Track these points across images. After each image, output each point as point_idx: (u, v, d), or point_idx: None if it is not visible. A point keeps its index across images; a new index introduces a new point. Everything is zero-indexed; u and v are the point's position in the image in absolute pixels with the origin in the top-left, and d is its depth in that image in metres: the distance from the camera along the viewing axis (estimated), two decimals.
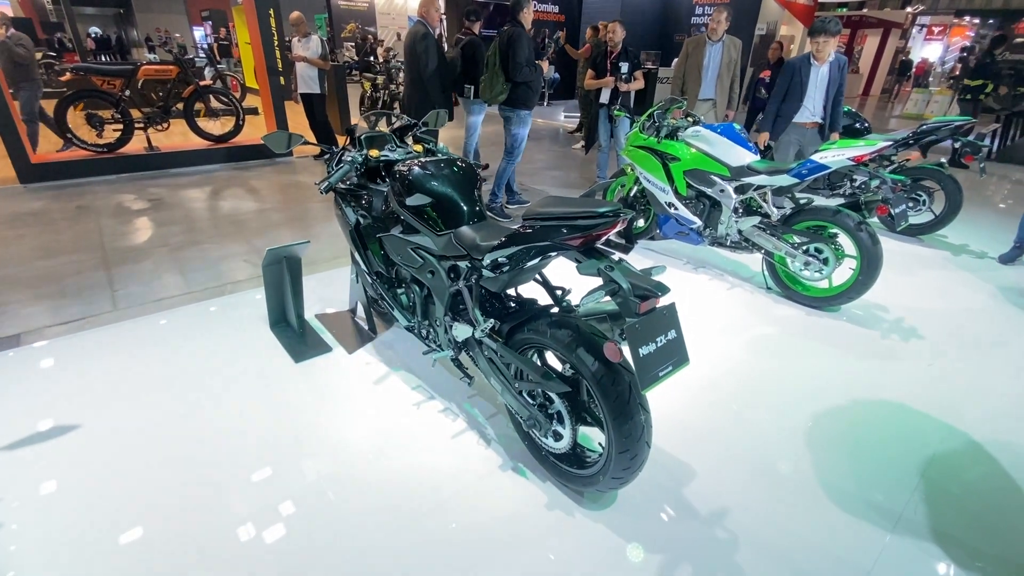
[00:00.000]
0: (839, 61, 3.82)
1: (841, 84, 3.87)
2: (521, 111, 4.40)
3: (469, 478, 1.82)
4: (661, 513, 1.71)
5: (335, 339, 2.56)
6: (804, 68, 3.86)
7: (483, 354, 1.78)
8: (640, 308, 1.28)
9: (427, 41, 4.19)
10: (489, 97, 4.34)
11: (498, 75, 4.23)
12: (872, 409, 2.28)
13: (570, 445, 1.63)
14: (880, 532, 1.68)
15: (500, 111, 4.49)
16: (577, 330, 1.50)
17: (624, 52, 4.86)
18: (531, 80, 4.28)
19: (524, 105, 4.38)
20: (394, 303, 2.15)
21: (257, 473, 1.81)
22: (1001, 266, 3.96)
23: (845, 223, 2.85)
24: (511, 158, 4.64)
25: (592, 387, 1.45)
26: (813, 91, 3.88)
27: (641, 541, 1.61)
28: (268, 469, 1.83)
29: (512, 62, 4.13)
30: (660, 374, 1.32)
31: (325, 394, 2.20)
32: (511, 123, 4.46)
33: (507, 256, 1.52)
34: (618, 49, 4.87)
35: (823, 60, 3.76)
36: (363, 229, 2.15)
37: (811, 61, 3.82)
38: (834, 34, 3.64)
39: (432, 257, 1.86)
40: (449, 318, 1.89)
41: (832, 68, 3.81)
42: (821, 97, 3.88)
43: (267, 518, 1.65)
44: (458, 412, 2.12)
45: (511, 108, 4.39)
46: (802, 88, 3.88)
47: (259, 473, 1.81)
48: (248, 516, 1.65)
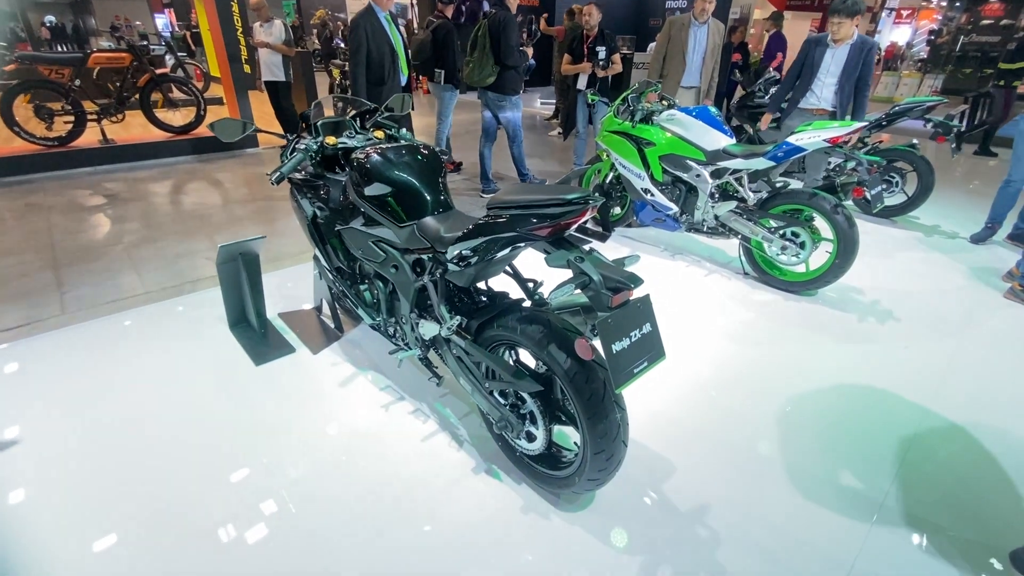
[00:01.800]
0: (864, 44, 3.42)
1: (865, 71, 3.47)
2: (512, 96, 4.49)
3: (441, 483, 1.73)
4: (640, 512, 1.65)
5: (299, 339, 2.44)
6: (818, 48, 3.51)
7: (451, 352, 1.69)
8: (612, 301, 1.20)
9: (355, 31, 3.98)
10: (477, 80, 4.37)
11: (488, 58, 4.26)
12: (851, 394, 2.25)
13: (544, 446, 1.55)
14: (861, 523, 1.65)
15: (489, 98, 4.51)
16: (548, 325, 1.42)
17: (601, 36, 4.74)
18: (519, 65, 4.37)
19: (514, 90, 4.47)
20: (357, 300, 2.04)
21: (212, 485, 1.69)
22: (973, 246, 4.00)
23: (821, 206, 2.81)
24: (515, 142, 4.74)
25: (565, 385, 1.37)
26: (824, 75, 3.55)
27: (620, 542, 1.54)
28: (224, 480, 1.71)
29: (505, 46, 4.18)
30: (635, 371, 1.24)
31: (287, 398, 2.09)
32: (504, 109, 4.52)
33: (472, 248, 1.42)
34: (594, 33, 4.74)
35: (840, 41, 3.44)
36: (321, 222, 2.02)
37: (828, 42, 3.49)
38: (852, 14, 3.28)
39: (395, 251, 1.75)
40: (415, 315, 1.78)
41: (852, 52, 3.43)
42: (833, 83, 3.53)
43: (224, 532, 1.54)
44: (429, 413, 2.02)
45: (502, 95, 4.45)
46: (812, 70, 3.56)
47: (214, 485, 1.69)
48: (201, 532, 1.54)
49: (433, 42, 4.75)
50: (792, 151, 2.79)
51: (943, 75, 13.10)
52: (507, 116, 4.55)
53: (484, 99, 4.55)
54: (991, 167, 6.68)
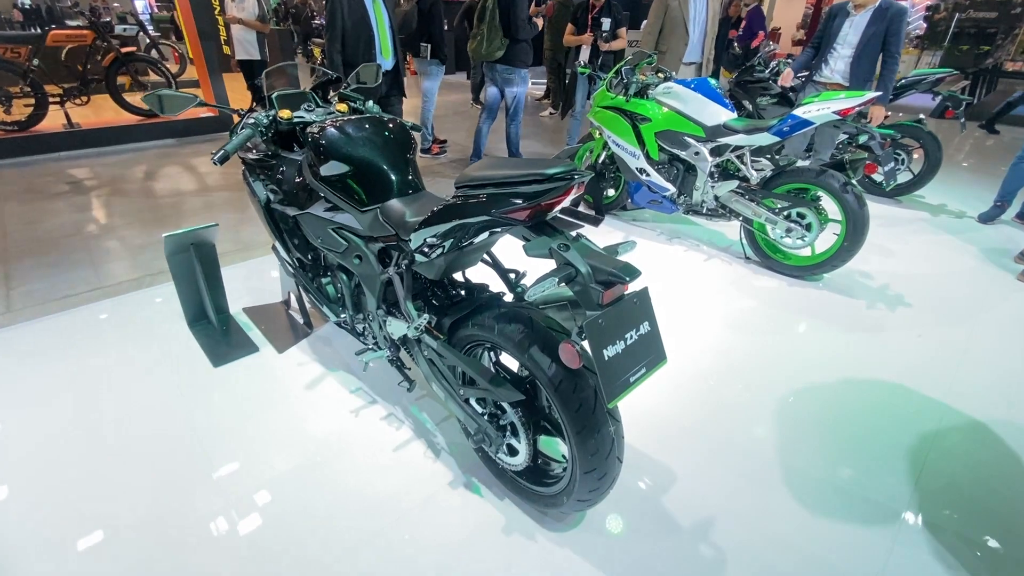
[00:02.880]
0: (889, 8, 3.03)
1: (890, 40, 3.05)
2: (522, 70, 4.40)
3: (414, 498, 1.54)
4: (636, 530, 1.47)
5: (264, 336, 2.23)
6: (839, 16, 3.18)
7: (422, 355, 1.49)
8: (603, 298, 1.00)
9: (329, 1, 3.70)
10: (485, 54, 4.29)
11: (496, 31, 4.20)
12: (863, 388, 2.08)
13: (528, 459, 1.36)
14: (883, 537, 1.48)
15: (497, 71, 4.42)
16: (530, 325, 1.22)
17: (607, 6, 4.51)
18: (530, 37, 4.31)
19: (524, 63, 4.39)
20: (320, 296, 1.83)
21: (154, 503, 1.50)
22: (981, 226, 3.83)
23: (829, 184, 2.61)
24: (514, 120, 4.63)
25: (549, 395, 1.18)
26: (840, 45, 3.20)
27: (614, 566, 1.37)
28: (167, 497, 1.52)
29: (515, 18, 4.12)
30: (631, 379, 1.05)
31: (246, 403, 1.89)
32: (512, 83, 4.44)
33: (438, 235, 1.22)
34: (601, 3, 4.51)
35: (860, 7, 3.11)
36: (276, 208, 1.80)
37: (848, 8, 3.16)
38: None
39: (358, 239, 1.54)
40: (383, 312, 1.58)
41: (873, 18, 3.06)
42: (848, 54, 3.19)
43: (172, 555, 1.35)
44: (403, 418, 1.83)
45: (512, 68, 4.36)
46: (829, 40, 3.25)
47: (156, 503, 1.50)
48: (148, 556, 1.35)
49: (419, 14, 4.48)
50: (799, 124, 2.58)
51: (940, 52, 12.85)
52: (515, 91, 4.47)
53: (491, 74, 4.45)
54: (992, 145, 6.49)
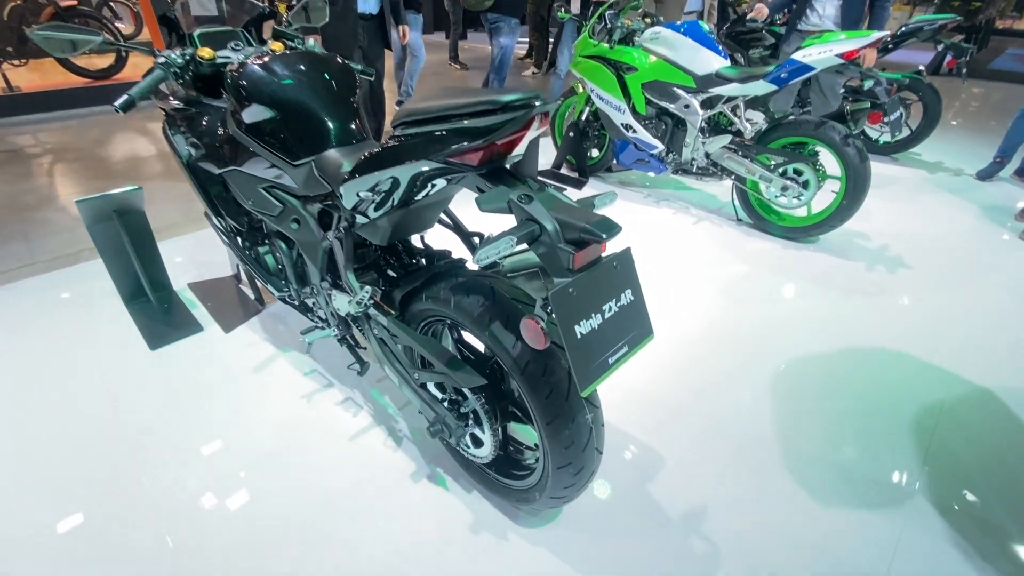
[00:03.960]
0: None
1: None
2: (512, 19, 4.25)
3: (372, 493, 1.37)
4: (620, 523, 1.31)
5: (210, 314, 2.01)
6: None
7: (372, 333, 1.28)
8: (574, 261, 0.80)
9: None
10: (475, 3, 4.16)
11: None
12: (865, 357, 1.93)
13: (495, 451, 1.18)
14: (892, 522, 1.34)
15: (487, 20, 4.28)
16: (491, 296, 1.02)
17: None
18: None
19: (513, 11, 4.24)
20: (259, 268, 1.60)
21: (79, 501, 1.30)
22: (980, 183, 3.69)
23: (830, 137, 2.40)
24: (500, 75, 4.50)
25: (515, 379, 0.99)
26: None
27: (596, 564, 1.21)
28: (93, 497, 1.32)
29: None
30: (610, 361, 0.86)
31: (185, 389, 1.68)
32: (501, 32, 4.28)
33: (374, 189, 1.00)
34: None
35: None
36: (201, 165, 1.55)
37: None
38: None
39: (294, 199, 1.31)
40: (328, 285, 1.37)
41: None
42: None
43: (95, 562, 1.17)
44: (362, 403, 1.64)
45: (500, 16, 4.22)
46: None
47: (81, 501, 1.31)
48: (59, 555, 1.17)
49: None
50: (798, 70, 2.35)
51: (933, 6, 12.52)
52: (503, 42, 4.32)
53: (488, 26, 4.34)
54: (985, 101, 6.30)
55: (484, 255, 0.80)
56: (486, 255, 0.80)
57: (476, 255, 0.80)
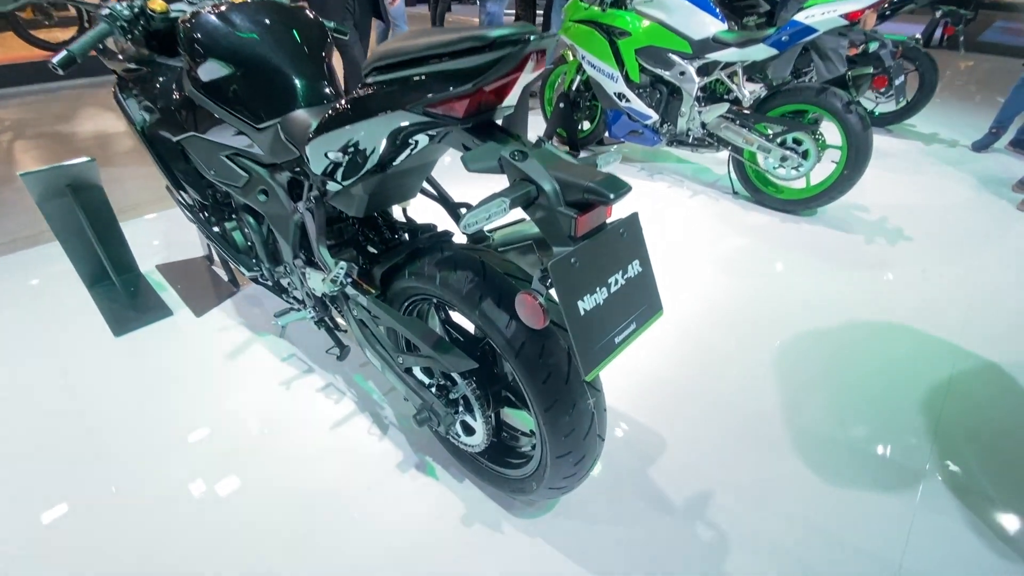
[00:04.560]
0: None
1: None
2: None
3: (358, 484, 1.28)
4: (621, 512, 1.24)
5: (180, 297, 1.88)
6: None
7: (352, 314, 1.18)
8: (577, 226, 0.69)
9: None
10: None
11: None
12: (869, 332, 1.86)
13: (488, 439, 1.09)
14: (903, 505, 1.28)
15: None
16: (481, 271, 0.92)
17: None
18: None
19: None
20: (227, 246, 1.48)
21: (42, 500, 1.20)
22: (975, 155, 3.63)
23: (831, 104, 2.30)
24: None
25: (509, 362, 0.89)
26: None
27: (596, 555, 1.14)
28: (54, 498, 1.22)
29: None
30: (617, 340, 0.76)
31: (153, 377, 1.57)
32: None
33: (343, 148, 0.88)
34: None
35: None
36: (155, 131, 1.40)
37: None
38: None
39: (260, 167, 1.19)
40: (302, 262, 1.25)
41: None
42: None
43: (57, 563, 1.07)
44: (344, 389, 1.54)
45: None
46: None
47: (44, 500, 1.20)
48: (14, 560, 1.06)
49: None
50: (800, 32, 2.23)
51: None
52: (491, 9, 4.11)
53: None
54: (976, 72, 6.23)
55: (472, 220, 0.69)
56: (474, 220, 0.69)
57: (463, 221, 0.70)
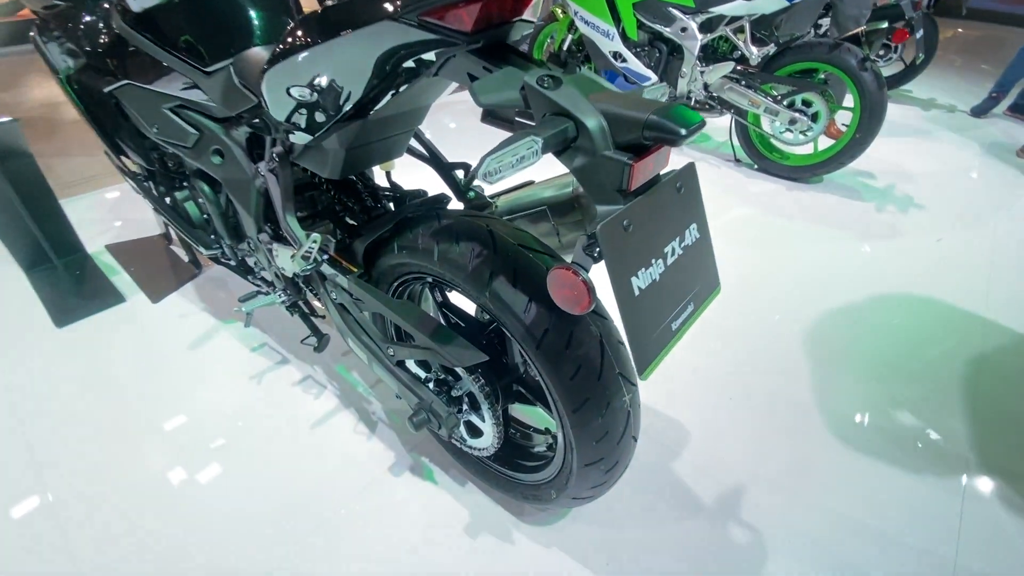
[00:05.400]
0: None
1: None
2: None
3: (344, 491, 1.11)
4: (646, 513, 1.10)
5: (134, 281, 1.66)
6: None
7: (330, 298, 0.99)
8: (632, 177, 0.52)
9: None
10: None
11: None
12: (893, 306, 1.74)
13: (498, 440, 0.93)
14: (950, 494, 1.16)
15: None
16: (490, 242, 0.74)
17: None
18: None
19: None
20: (179, 220, 1.26)
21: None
22: (975, 120, 3.53)
23: (845, 62, 2.14)
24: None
25: (529, 355, 0.73)
26: None
27: (624, 568, 1.00)
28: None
29: None
30: (674, 327, 0.60)
31: (104, 374, 1.36)
32: None
33: (311, 83, 0.68)
34: None
35: None
36: (82, 79, 1.16)
37: None
38: None
39: (212, 122, 0.98)
40: (268, 237, 1.05)
41: None
42: None
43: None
44: (325, 382, 1.36)
45: None
46: None
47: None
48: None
49: None
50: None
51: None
52: None
53: None
54: (964, 37, 6.15)
55: (493, 166, 0.51)
56: (496, 166, 0.51)
57: (481, 167, 0.51)
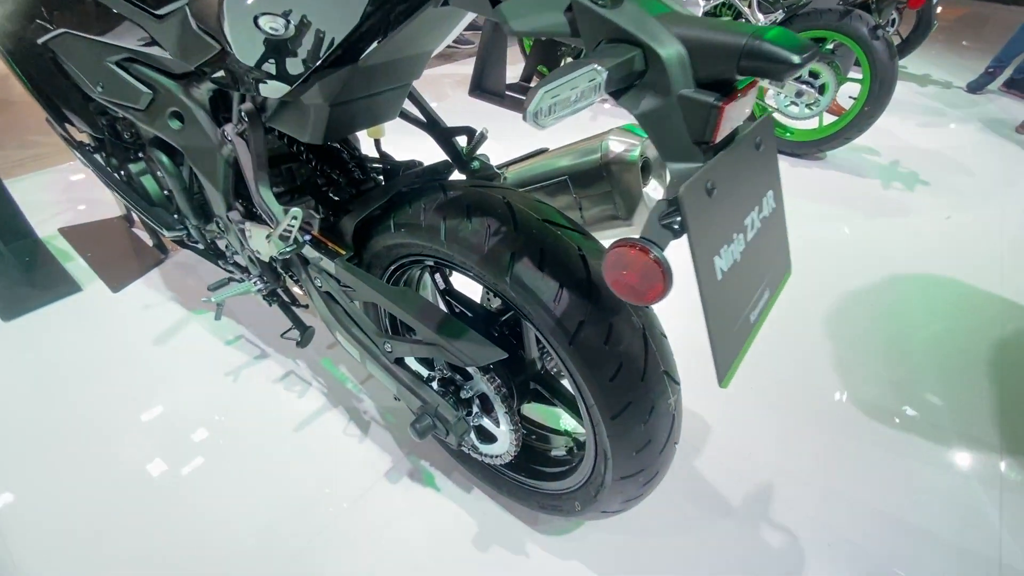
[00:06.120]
0: None
1: None
2: None
3: (336, 501, 0.99)
4: (673, 517, 1.00)
5: (92, 268, 1.49)
6: None
7: (313, 285, 0.85)
8: (717, 125, 0.40)
9: None
10: None
11: None
12: (909, 287, 1.67)
13: (514, 448, 0.82)
14: (988, 487, 1.09)
15: None
16: (510, 216, 0.62)
17: None
18: None
19: None
20: (133, 195, 1.10)
21: None
22: (971, 96, 3.49)
23: (856, 29, 2.03)
24: None
25: (560, 353, 0.61)
26: None
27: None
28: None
29: None
30: (753, 318, 0.48)
31: (58, 372, 1.21)
32: None
33: (285, 12, 0.54)
34: None
35: None
36: (7, 32, 0.98)
37: None
38: None
39: (168, 79, 0.82)
40: (240, 215, 0.90)
41: None
42: None
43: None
44: (310, 378, 1.23)
45: None
46: None
47: None
48: None
49: None
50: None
51: None
52: None
53: None
54: (951, 14, 6.12)
55: (547, 100, 0.38)
56: (547, 103, 0.37)
57: (530, 105, 0.38)
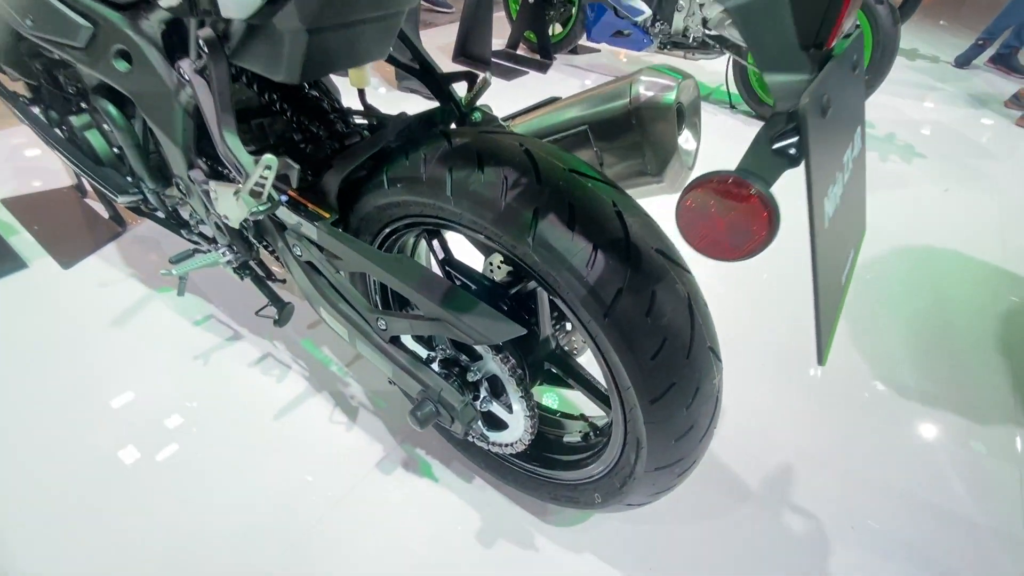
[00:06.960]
0: None
1: None
2: None
3: (325, 496, 0.89)
4: (690, 504, 0.93)
5: (39, 242, 1.34)
6: None
7: (292, 255, 0.74)
8: (838, 22, 0.30)
9: None
10: None
11: None
12: (914, 261, 1.62)
13: (528, 436, 0.73)
14: (1009, 466, 1.05)
15: None
16: (530, 168, 0.51)
17: None
18: None
19: None
20: (76, 154, 0.96)
21: None
22: (958, 70, 3.48)
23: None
24: None
25: (590, 324, 0.52)
26: None
27: (668, 571, 0.84)
28: None
29: None
30: (843, 280, 0.40)
31: (3, 357, 1.07)
32: None
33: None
34: None
35: None
36: None
37: None
38: None
39: (110, 10, 0.69)
40: (203, 173, 0.78)
41: None
42: None
43: None
44: (289, 362, 1.11)
45: None
46: None
47: None
48: None
49: None
50: None
51: None
52: None
53: None
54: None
55: None
56: None
57: None
